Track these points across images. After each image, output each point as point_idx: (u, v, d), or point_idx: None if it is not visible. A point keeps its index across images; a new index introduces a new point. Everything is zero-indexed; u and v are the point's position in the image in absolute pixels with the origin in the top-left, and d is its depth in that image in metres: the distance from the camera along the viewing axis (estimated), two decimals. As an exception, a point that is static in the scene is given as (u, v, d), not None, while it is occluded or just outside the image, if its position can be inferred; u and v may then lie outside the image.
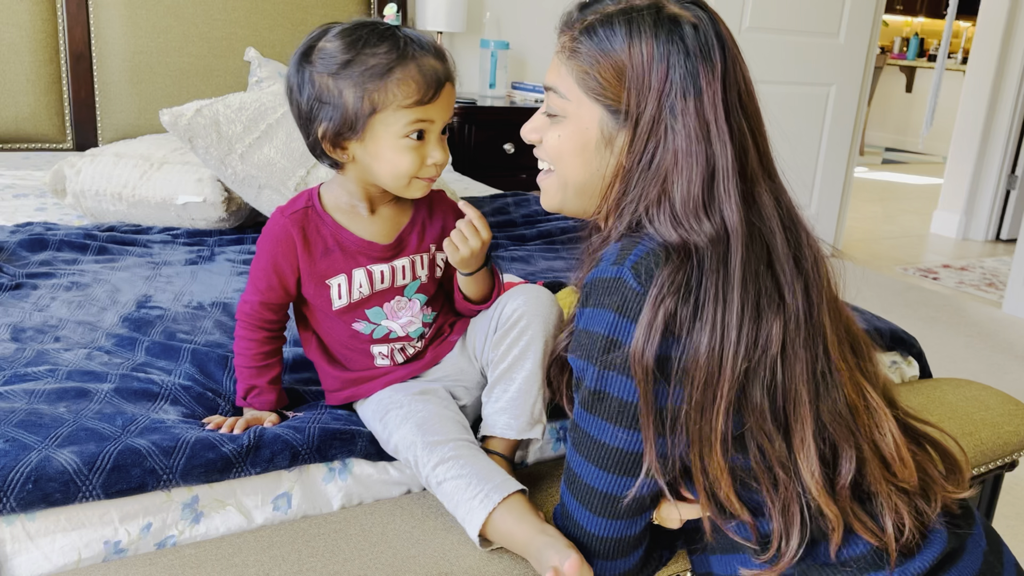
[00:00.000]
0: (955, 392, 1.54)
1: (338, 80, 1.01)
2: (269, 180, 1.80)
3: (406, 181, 1.05)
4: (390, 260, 1.11)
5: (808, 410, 0.86)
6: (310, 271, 1.09)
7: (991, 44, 4.83)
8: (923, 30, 9.37)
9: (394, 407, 1.08)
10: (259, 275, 1.10)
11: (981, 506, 1.53)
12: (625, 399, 0.86)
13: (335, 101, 1.02)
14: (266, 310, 1.11)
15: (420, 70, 1.01)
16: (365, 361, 1.14)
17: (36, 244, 1.74)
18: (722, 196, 0.87)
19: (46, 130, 2.66)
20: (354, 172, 1.08)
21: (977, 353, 3.20)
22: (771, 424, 0.85)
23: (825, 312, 0.90)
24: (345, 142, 1.04)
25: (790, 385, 0.86)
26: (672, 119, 0.88)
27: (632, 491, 0.89)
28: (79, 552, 0.93)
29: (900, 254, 4.65)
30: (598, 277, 0.88)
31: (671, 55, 0.88)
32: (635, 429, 0.87)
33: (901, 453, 0.89)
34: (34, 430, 0.98)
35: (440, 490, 0.99)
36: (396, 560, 0.95)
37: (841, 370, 0.88)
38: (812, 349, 0.87)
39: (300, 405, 1.20)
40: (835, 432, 0.87)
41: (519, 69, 3.58)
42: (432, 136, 1.04)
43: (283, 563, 0.93)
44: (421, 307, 1.14)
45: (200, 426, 1.07)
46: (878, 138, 9.11)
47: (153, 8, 2.69)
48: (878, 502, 0.87)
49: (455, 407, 1.11)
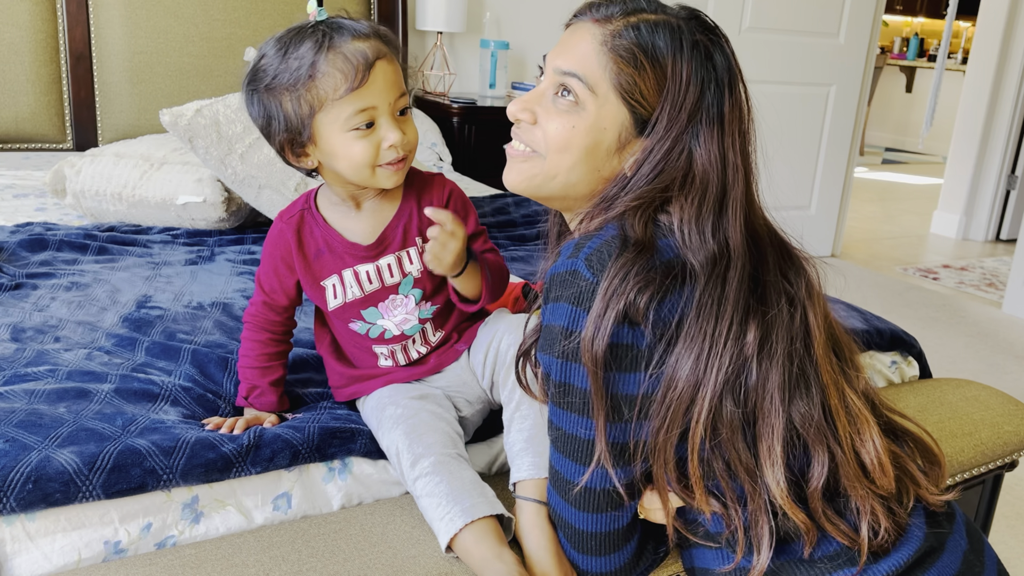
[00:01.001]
0: (955, 392, 1.54)
1: (275, 93, 1.01)
2: (269, 180, 1.80)
3: (369, 172, 1.03)
4: (374, 259, 1.10)
5: (779, 418, 0.86)
6: (305, 273, 1.10)
7: (991, 44, 4.83)
8: (923, 30, 9.37)
9: (391, 405, 1.08)
10: (263, 278, 1.12)
11: (981, 506, 1.53)
12: (587, 389, 0.87)
13: (277, 114, 1.02)
14: (270, 311, 1.13)
15: (344, 57, 0.99)
16: (370, 360, 1.15)
17: (36, 244, 1.74)
18: (729, 219, 0.89)
19: (46, 130, 2.66)
20: (327, 175, 1.08)
21: (977, 353, 3.20)
22: (739, 434, 0.86)
23: (813, 318, 0.91)
24: (302, 149, 1.04)
25: (763, 394, 0.86)
26: (695, 142, 0.90)
27: (608, 481, 0.89)
28: (79, 552, 0.93)
29: (900, 254, 4.65)
30: (556, 272, 0.89)
31: (704, 80, 0.89)
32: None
33: (881, 459, 0.89)
34: (34, 430, 0.98)
35: (418, 503, 1.00)
36: (396, 560, 0.96)
37: (824, 374, 0.89)
38: (793, 357, 0.88)
39: (299, 407, 1.20)
40: (807, 436, 0.87)
41: (519, 69, 3.58)
42: (382, 120, 1.01)
43: (283, 563, 0.93)
44: (417, 303, 1.12)
45: (200, 427, 1.07)
46: (878, 138, 9.11)
47: (153, 8, 2.69)
48: (852, 505, 0.88)
49: (452, 416, 1.10)
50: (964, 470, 1.38)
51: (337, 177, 1.06)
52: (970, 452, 1.39)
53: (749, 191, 0.93)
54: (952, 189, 5.15)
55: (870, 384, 0.98)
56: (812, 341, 0.89)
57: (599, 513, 0.92)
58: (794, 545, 0.88)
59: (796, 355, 0.88)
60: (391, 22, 3.13)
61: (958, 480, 1.38)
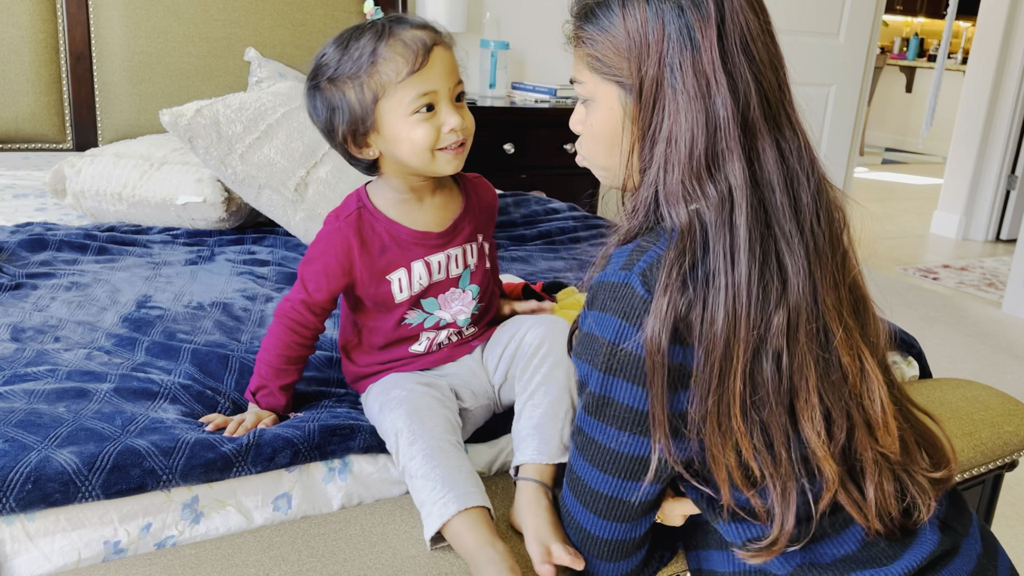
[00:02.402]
0: (955, 392, 1.54)
1: (338, 83, 1.04)
2: (269, 180, 1.80)
3: (429, 155, 1.05)
4: (445, 247, 1.13)
5: (813, 373, 0.84)
6: (370, 270, 1.10)
7: (991, 44, 4.82)
8: (923, 30, 9.37)
9: (396, 388, 1.09)
10: (309, 276, 1.11)
11: (981, 506, 1.53)
12: (631, 405, 0.86)
13: (340, 104, 1.05)
14: (307, 311, 1.12)
15: (404, 43, 1.02)
16: (400, 350, 1.16)
17: (36, 244, 1.74)
18: (724, 153, 0.84)
19: (46, 130, 2.66)
20: (388, 167, 1.10)
21: (977, 353, 3.20)
22: (776, 395, 0.84)
23: (830, 273, 0.86)
24: (365, 138, 1.06)
25: (794, 350, 0.84)
26: (673, 78, 0.85)
27: (639, 494, 0.89)
28: (79, 552, 0.93)
29: (900, 254, 4.65)
30: (605, 280, 0.87)
31: (664, 13, 0.85)
32: (640, 434, 0.87)
33: (887, 420, 0.87)
34: (33, 430, 0.98)
35: (411, 483, 1.00)
36: (396, 560, 0.95)
37: (836, 332, 0.86)
38: (814, 313, 0.85)
39: (302, 407, 1.20)
40: (829, 399, 0.85)
41: (519, 69, 3.58)
42: (442, 104, 1.05)
43: (283, 563, 0.93)
44: (473, 297, 1.16)
45: (199, 426, 1.07)
46: (878, 138, 9.11)
47: (153, 8, 2.69)
48: (864, 475, 0.87)
49: (454, 406, 1.11)
50: (964, 470, 1.38)
51: (398, 167, 1.08)
52: (970, 452, 1.39)
53: (751, 110, 0.85)
54: (952, 189, 5.15)
55: (889, 360, 0.96)
56: (825, 297, 0.86)
57: (622, 522, 0.91)
58: (811, 548, 0.88)
59: (817, 311, 0.85)
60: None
61: (958, 480, 1.38)
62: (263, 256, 1.82)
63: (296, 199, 1.79)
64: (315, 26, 2.96)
